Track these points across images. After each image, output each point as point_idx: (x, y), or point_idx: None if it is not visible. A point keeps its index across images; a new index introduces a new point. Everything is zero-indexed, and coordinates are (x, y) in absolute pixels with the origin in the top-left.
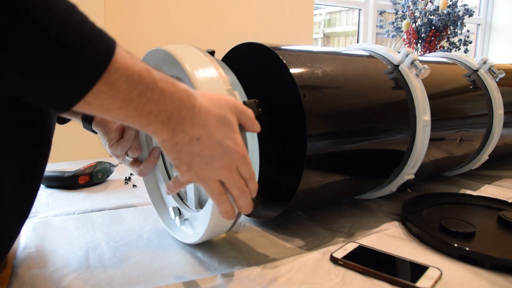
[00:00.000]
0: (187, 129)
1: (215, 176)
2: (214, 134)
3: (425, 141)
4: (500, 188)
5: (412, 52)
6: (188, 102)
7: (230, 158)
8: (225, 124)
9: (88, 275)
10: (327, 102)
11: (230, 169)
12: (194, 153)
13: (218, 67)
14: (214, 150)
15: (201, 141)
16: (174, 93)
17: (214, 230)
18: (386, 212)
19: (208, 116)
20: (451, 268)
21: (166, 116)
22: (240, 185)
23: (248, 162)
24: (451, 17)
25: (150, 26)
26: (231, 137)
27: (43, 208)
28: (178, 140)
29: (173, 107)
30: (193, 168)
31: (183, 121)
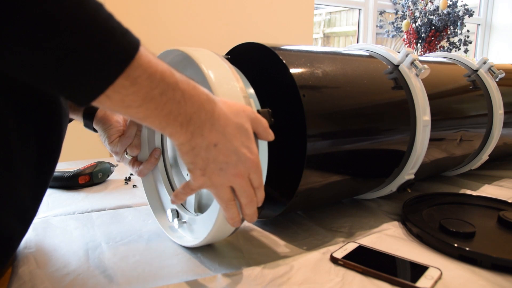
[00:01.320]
0: (206, 134)
1: (227, 182)
2: (232, 142)
3: (425, 141)
4: (500, 188)
5: (412, 52)
6: (208, 106)
7: (244, 166)
8: (242, 133)
9: (88, 275)
10: (327, 102)
11: (243, 177)
12: (209, 158)
13: (236, 73)
14: (229, 157)
15: (218, 148)
16: (194, 96)
17: (216, 235)
18: (386, 212)
19: (227, 123)
20: (451, 268)
21: (185, 119)
22: (250, 193)
23: (260, 171)
24: (451, 17)
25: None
26: (247, 146)
27: (43, 208)
28: (196, 144)
29: (193, 110)
30: (207, 173)
31: (203, 126)
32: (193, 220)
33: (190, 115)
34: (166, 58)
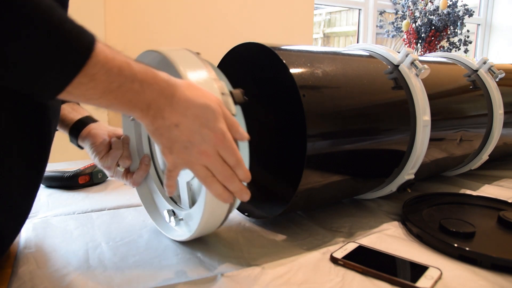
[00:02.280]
0: (167, 116)
1: (196, 160)
2: (194, 122)
3: (425, 141)
4: (500, 188)
5: (412, 52)
6: (168, 92)
7: (209, 145)
8: (206, 113)
9: (88, 275)
10: (327, 102)
11: (209, 155)
12: (173, 138)
13: (211, 70)
14: (192, 137)
15: (179, 128)
16: (153, 84)
17: (208, 221)
18: (386, 212)
19: (188, 105)
20: (451, 268)
21: (145, 105)
22: (223, 169)
23: (231, 149)
24: (451, 17)
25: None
26: (212, 126)
27: (43, 208)
28: (159, 125)
29: (152, 97)
30: (174, 152)
31: (163, 109)
32: (189, 215)
33: (149, 101)
34: (145, 59)
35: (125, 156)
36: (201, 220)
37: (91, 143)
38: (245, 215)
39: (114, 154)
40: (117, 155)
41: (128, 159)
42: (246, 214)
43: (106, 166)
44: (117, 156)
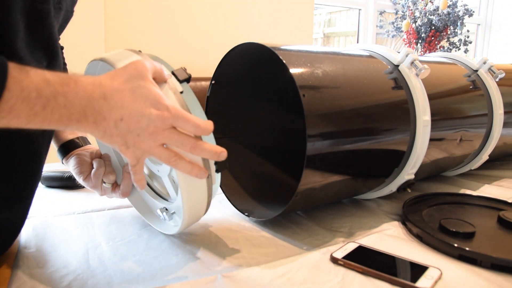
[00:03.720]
0: (108, 115)
1: (153, 142)
2: (134, 108)
3: (425, 141)
4: (500, 188)
5: (412, 52)
6: (97, 93)
7: (157, 123)
8: (140, 94)
9: (88, 275)
10: (327, 102)
11: (162, 131)
12: (123, 132)
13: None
14: (140, 122)
15: (124, 120)
16: (79, 92)
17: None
18: (386, 212)
19: (121, 95)
20: (451, 268)
21: (80, 115)
22: (184, 140)
23: (183, 118)
24: (451, 17)
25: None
26: (152, 104)
27: (43, 208)
28: (104, 128)
29: (83, 104)
30: (130, 145)
31: (101, 111)
32: (178, 208)
33: (83, 110)
34: (95, 69)
35: (108, 172)
36: (184, 203)
37: (74, 165)
38: (245, 215)
39: (97, 172)
40: (100, 172)
41: (111, 174)
42: (246, 214)
43: (92, 186)
44: (100, 174)
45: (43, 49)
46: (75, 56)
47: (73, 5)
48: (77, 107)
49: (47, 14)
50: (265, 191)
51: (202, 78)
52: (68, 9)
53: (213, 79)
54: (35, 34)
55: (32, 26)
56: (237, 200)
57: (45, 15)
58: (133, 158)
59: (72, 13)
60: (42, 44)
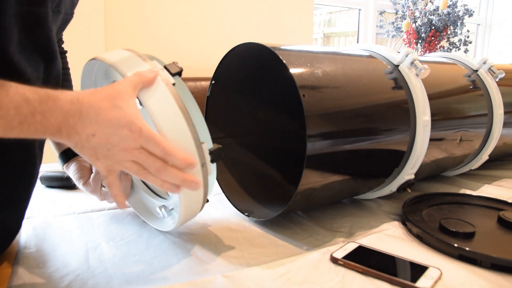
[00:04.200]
0: (80, 130)
1: (122, 158)
2: (107, 126)
3: (425, 141)
4: (500, 188)
5: (412, 52)
6: (73, 110)
7: (128, 141)
8: (116, 114)
9: (88, 275)
10: (327, 102)
11: (132, 150)
12: (94, 146)
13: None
14: (110, 139)
15: (96, 136)
16: (56, 110)
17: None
18: (386, 212)
19: (98, 112)
20: (451, 268)
21: (55, 129)
22: (151, 163)
23: (153, 142)
24: (451, 17)
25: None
26: (126, 124)
27: (43, 208)
28: (76, 141)
29: (59, 120)
30: (100, 157)
31: (74, 127)
32: (176, 203)
33: (58, 125)
34: (93, 68)
35: None
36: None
37: (74, 171)
38: (245, 215)
39: (96, 177)
40: (99, 177)
41: None
42: (246, 214)
43: (91, 191)
44: (99, 179)
45: (40, 53)
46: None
47: (73, 8)
48: (53, 123)
49: (44, 18)
50: (265, 191)
51: (202, 78)
52: (67, 12)
53: (213, 79)
54: (32, 38)
55: (28, 30)
56: (237, 200)
57: (42, 19)
58: (104, 169)
59: (72, 15)
60: (39, 48)
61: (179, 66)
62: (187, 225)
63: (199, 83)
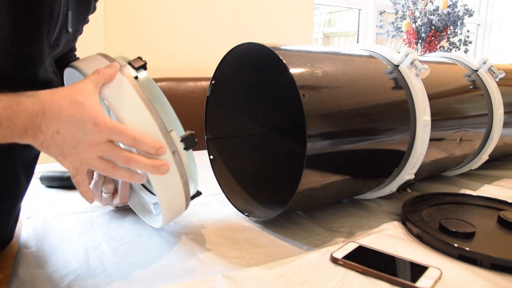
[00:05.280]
0: (44, 129)
1: (90, 154)
2: (70, 122)
3: (425, 141)
4: (500, 188)
5: (412, 52)
6: (36, 110)
7: (92, 136)
8: (78, 109)
9: (88, 275)
10: (327, 102)
11: (98, 144)
12: (60, 144)
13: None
14: (76, 135)
15: (61, 133)
16: (21, 112)
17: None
18: (386, 212)
19: (59, 110)
20: (451, 268)
21: (22, 132)
22: (118, 154)
23: (118, 132)
24: (451, 17)
25: (150, 26)
26: (89, 118)
27: (43, 208)
28: (42, 140)
29: (24, 122)
30: (67, 155)
31: (38, 126)
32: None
33: (24, 127)
34: (73, 74)
35: (107, 181)
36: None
37: None
38: (245, 215)
39: (96, 183)
40: (99, 183)
41: (110, 183)
42: (246, 214)
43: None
44: (99, 184)
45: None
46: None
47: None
48: (19, 126)
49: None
50: (265, 191)
51: (202, 78)
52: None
53: (213, 79)
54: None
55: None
56: (237, 200)
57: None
58: (71, 168)
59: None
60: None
61: (143, 60)
62: (187, 225)
63: (199, 83)
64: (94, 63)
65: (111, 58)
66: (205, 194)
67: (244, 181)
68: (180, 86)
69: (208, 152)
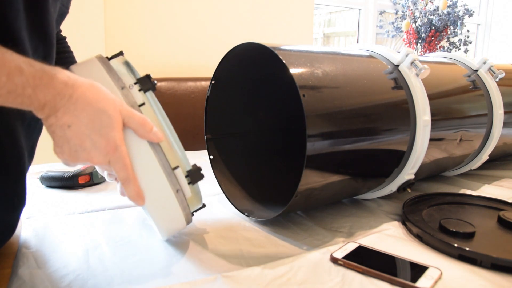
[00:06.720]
0: (60, 116)
1: (85, 161)
2: (86, 126)
3: (425, 141)
4: (500, 188)
5: (412, 52)
6: (64, 93)
7: (98, 152)
8: (102, 119)
9: (88, 275)
10: (327, 102)
11: (96, 163)
12: (64, 138)
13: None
14: (83, 142)
15: (71, 129)
16: (48, 88)
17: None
18: (386, 212)
19: (85, 107)
20: (451, 268)
21: (39, 106)
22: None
23: (122, 163)
24: (451, 17)
25: (150, 26)
26: (105, 133)
27: (43, 208)
28: (52, 123)
29: (47, 98)
30: (64, 152)
31: (57, 110)
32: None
33: (44, 103)
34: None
35: None
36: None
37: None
38: (245, 215)
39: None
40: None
41: None
42: (246, 214)
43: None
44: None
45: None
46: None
47: (68, 2)
48: (41, 99)
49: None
50: (265, 191)
51: (202, 78)
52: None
53: (213, 79)
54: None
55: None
56: (237, 200)
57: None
58: (63, 161)
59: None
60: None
61: (151, 81)
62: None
63: (199, 83)
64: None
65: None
66: (205, 194)
67: (244, 181)
68: (180, 86)
69: (208, 152)
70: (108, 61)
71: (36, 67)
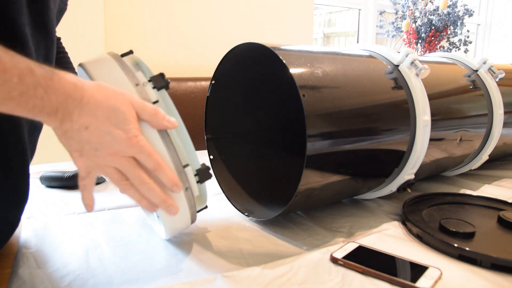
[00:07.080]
0: (75, 118)
1: (107, 162)
2: (104, 123)
3: (425, 141)
4: (500, 188)
5: (412, 52)
6: (76, 95)
7: (120, 146)
8: (117, 115)
9: (88, 275)
10: (327, 102)
11: (120, 157)
12: (83, 140)
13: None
14: (103, 138)
15: (89, 130)
16: (59, 89)
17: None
18: (386, 212)
19: (98, 106)
20: (451, 268)
21: (52, 110)
22: (137, 174)
23: (147, 153)
24: (451, 17)
25: (150, 26)
26: (123, 128)
27: (43, 208)
28: (67, 128)
29: (58, 101)
30: (84, 154)
31: (71, 112)
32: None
33: (56, 106)
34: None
35: None
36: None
37: None
38: (245, 215)
39: None
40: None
41: None
42: (246, 214)
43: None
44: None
45: (42, 34)
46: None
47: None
48: (53, 102)
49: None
50: (265, 191)
51: (202, 78)
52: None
53: (213, 79)
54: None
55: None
56: (237, 200)
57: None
58: (84, 169)
59: (66, 6)
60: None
61: (165, 80)
62: None
63: (199, 83)
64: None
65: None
66: None
67: (244, 181)
68: (180, 86)
69: (208, 152)
70: (121, 58)
71: (45, 69)
